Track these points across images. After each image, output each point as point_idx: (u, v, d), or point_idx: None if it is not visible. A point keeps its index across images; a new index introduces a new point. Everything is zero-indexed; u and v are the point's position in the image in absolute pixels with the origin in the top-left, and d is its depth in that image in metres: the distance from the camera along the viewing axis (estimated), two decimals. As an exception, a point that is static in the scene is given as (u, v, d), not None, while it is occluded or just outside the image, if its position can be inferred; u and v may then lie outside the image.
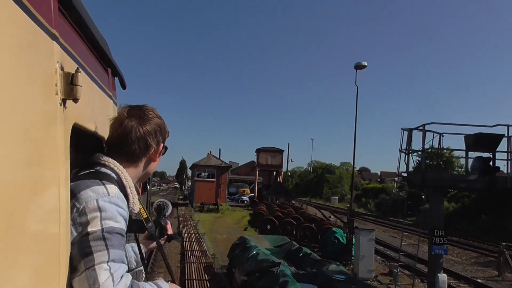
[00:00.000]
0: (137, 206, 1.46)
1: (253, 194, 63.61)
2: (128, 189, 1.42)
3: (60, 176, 1.06)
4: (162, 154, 1.66)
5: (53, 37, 1.03)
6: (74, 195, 1.22)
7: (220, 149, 62.59)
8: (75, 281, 1.15)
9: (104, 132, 1.62)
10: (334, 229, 18.93)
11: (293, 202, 46.07)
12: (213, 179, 45.80)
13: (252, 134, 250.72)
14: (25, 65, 0.88)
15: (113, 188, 1.30)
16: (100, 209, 1.21)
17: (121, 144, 1.49)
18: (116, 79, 2.11)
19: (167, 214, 1.98)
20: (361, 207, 67.69)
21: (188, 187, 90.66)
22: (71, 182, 1.23)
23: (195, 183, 45.60)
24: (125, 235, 1.30)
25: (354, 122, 19.49)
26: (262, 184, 56.28)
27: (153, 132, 1.53)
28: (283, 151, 52.76)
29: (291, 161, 55.16)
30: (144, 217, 1.64)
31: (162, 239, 1.91)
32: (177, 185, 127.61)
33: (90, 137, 1.54)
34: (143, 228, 1.68)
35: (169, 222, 1.97)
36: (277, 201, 45.35)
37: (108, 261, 1.17)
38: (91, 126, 1.44)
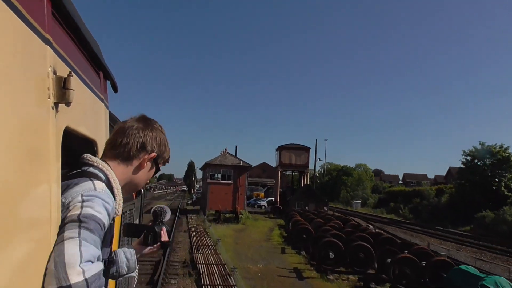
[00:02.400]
0: (121, 208, 1.43)
1: (271, 199, 55.72)
2: (115, 190, 1.40)
3: (51, 178, 1.06)
4: (153, 174, 1.64)
5: (46, 41, 1.03)
6: (62, 193, 1.22)
7: (236, 146, 52.28)
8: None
9: (95, 135, 1.66)
10: (463, 267, 10.79)
11: (325, 209, 37.92)
12: (230, 181, 37.72)
13: (262, 134, 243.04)
14: (18, 69, 0.89)
15: (100, 184, 1.29)
16: (83, 200, 1.20)
17: (117, 140, 1.48)
18: (108, 82, 2.07)
19: (164, 220, 1.86)
20: (391, 212, 59.55)
21: (197, 190, 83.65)
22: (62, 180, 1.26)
23: (208, 185, 37.51)
24: (104, 227, 1.23)
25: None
26: (286, 187, 48.06)
27: (153, 138, 1.53)
28: (310, 148, 44.59)
29: (319, 160, 46.66)
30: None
31: (155, 246, 1.79)
32: (185, 188, 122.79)
33: (82, 140, 1.54)
34: (136, 233, 1.75)
35: (164, 229, 1.82)
36: (306, 207, 37.39)
37: (78, 237, 1.11)
38: (82, 129, 1.44)
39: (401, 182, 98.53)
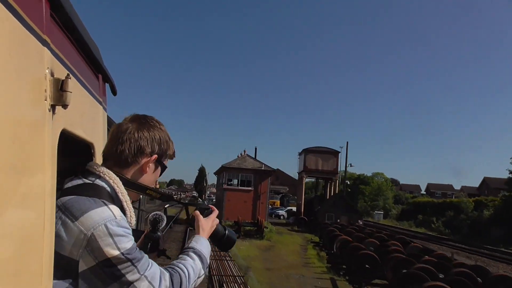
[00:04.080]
0: (134, 220, 1.39)
1: (290, 208, 50.17)
2: (124, 204, 1.35)
3: (46, 181, 1.04)
4: (160, 174, 1.54)
5: (44, 43, 1.02)
6: (74, 216, 1.17)
7: (256, 148, 46.75)
8: None
9: (93, 138, 1.62)
10: None
11: (360, 222, 32.34)
12: (250, 188, 32.44)
13: (274, 140, 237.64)
14: (14, 71, 0.87)
15: (116, 210, 1.25)
16: (111, 235, 1.16)
17: (112, 146, 1.41)
18: (107, 85, 2.04)
19: (161, 227, 1.80)
20: (420, 226, 53.62)
21: (208, 196, 78.53)
22: (64, 192, 1.25)
23: (224, 192, 32.25)
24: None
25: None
26: (315, 195, 42.52)
27: (150, 138, 1.43)
28: (339, 152, 39.08)
29: (350, 166, 41.22)
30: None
31: (153, 254, 1.72)
32: (195, 194, 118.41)
33: (79, 143, 1.52)
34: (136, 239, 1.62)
35: (161, 237, 1.78)
36: (338, 220, 31.87)
37: (141, 274, 1.20)
38: (80, 132, 1.41)
39: (424, 193, 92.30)
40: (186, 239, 21.66)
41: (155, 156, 1.45)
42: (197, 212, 1.65)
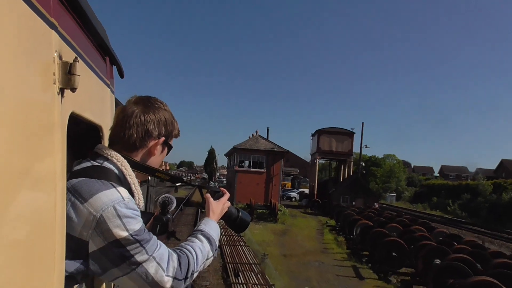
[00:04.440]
0: (142, 202, 1.40)
1: (302, 190, 49.16)
2: (132, 186, 1.36)
3: (56, 164, 1.05)
4: (167, 154, 1.55)
5: (52, 26, 1.01)
6: (84, 198, 1.18)
7: (268, 129, 42.56)
8: (122, 280, 1.19)
9: (101, 120, 1.63)
10: None
11: (376, 205, 31.17)
12: (262, 169, 31.33)
13: (284, 121, 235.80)
14: (23, 54, 0.87)
15: (124, 192, 1.25)
16: (119, 216, 1.17)
17: (119, 130, 1.40)
18: (114, 67, 2.04)
19: (171, 210, 1.88)
20: (434, 208, 52.33)
21: (218, 178, 78.00)
22: (73, 174, 1.26)
23: (236, 174, 31.20)
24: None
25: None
26: (329, 177, 41.36)
27: (156, 121, 1.42)
28: (354, 133, 37.60)
29: (366, 147, 39.59)
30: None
31: (162, 236, 1.76)
32: (205, 176, 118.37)
33: (87, 126, 1.53)
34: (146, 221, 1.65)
35: (171, 219, 1.84)
36: (353, 203, 30.79)
37: (150, 255, 1.20)
38: (88, 115, 1.42)
39: (437, 175, 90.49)
40: (197, 222, 20.81)
41: (162, 138, 1.45)
42: (208, 195, 1.63)
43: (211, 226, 1.52)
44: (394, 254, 12.62)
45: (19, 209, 0.85)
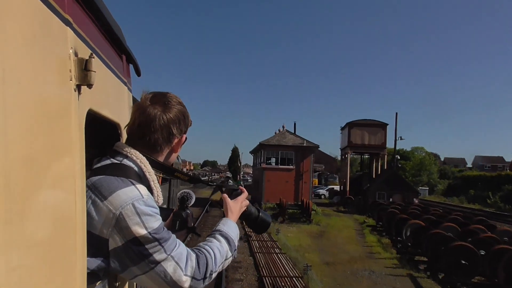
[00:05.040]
0: (161, 199, 1.40)
1: (332, 187, 46.93)
2: (151, 183, 1.36)
3: (75, 162, 1.05)
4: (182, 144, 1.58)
5: (67, 22, 1.01)
6: (103, 195, 1.18)
7: (295, 124, 40.26)
8: (141, 278, 1.19)
9: (119, 118, 1.61)
10: None
11: (415, 201, 28.72)
12: (291, 166, 29.41)
13: (308, 115, 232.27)
14: (39, 51, 0.87)
15: (143, 189, 1.25)
16: (138, 214, 1.17)
17: (143, 133, 1.38)
18: (131, 66, 2.02)
19: (190, 205, 1.86)
20: (473, 201, 49.07)
21: (243, 176, 76.56)
22: (94, 172, 1.26)
23: (264, 172, 29.36)
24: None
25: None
26: (362, 172, 39.02)
27: (177, 120, 1.42)
28: (387, 125, 35.11)
29: (400, 139, 37.05)
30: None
31: (181, 232, 1.79)
32: (229, 175, 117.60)
33: (105, 123, 1.53)
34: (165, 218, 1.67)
35: (190, 215, 1.82)
36: (390, 199, 28.50)
37: (168, 254, 1.19)
38: (106, 112, 1.41)
39: (469, 166, 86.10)
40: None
41: (184, 135, 1.47)
42: (225, 194, 1.62)
43: (230, 226, 1.50)
44: (463, 262, 10.48)
45: (39, 207, 0.85)
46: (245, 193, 1.64)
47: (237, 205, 1.59)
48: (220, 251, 1.37)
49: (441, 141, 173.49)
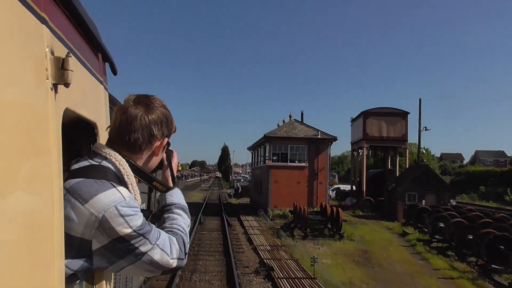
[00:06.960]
0: (139, 202, 1.37)
1: (339, 187, 41.48)
2: (129, 186, 1.33)
3: (53, 162, 1.03)
4: (164, 151, 1.55)
5: (42, 20, 0.99)
6: (84, 199, 1.16)
7: (302, 113, 30.51)
8: (128, 268, 1.21)
9: (96, 117, 1.59)
10: None
11: (453, 202, 23.42)
12: (303, 163, 23.76)
13: (312, 106, 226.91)
14: (15, 50, 0.86)
15: (125, 191, 1.25)
16: (122, 216, 1.17)
17: (124, 132, 1.36)
18: (107, 64, 1.97)
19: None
20: (485, 198, 44.57)
21: (235, 176, 70.60)
22: (72, 174, 1.24)
23: (269, 171, 23.64)
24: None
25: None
26: (382, 170, 33.57)
27: (159, 122, 1.40)
28: (408, 113, 29.77)
29: (425, 129, 31.94)
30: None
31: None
32: (218, 175, 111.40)
33: (81, 123, 1.50)
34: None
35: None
36: (423, 201, 23.28)
37: (153, 244, 1.22)
38: (82, 111, 1.39)
39: (467, 161, 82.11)
40: (226, 240, 13.52)
41: (166, 139, 1.45)
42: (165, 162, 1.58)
43: (177, 195, 1.52)
44: None
45: (14, 209, 0.82)
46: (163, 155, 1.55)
47: (166, 170, 1.58)
48: (186, 223, 1.42)
49: (436, 137, 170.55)
